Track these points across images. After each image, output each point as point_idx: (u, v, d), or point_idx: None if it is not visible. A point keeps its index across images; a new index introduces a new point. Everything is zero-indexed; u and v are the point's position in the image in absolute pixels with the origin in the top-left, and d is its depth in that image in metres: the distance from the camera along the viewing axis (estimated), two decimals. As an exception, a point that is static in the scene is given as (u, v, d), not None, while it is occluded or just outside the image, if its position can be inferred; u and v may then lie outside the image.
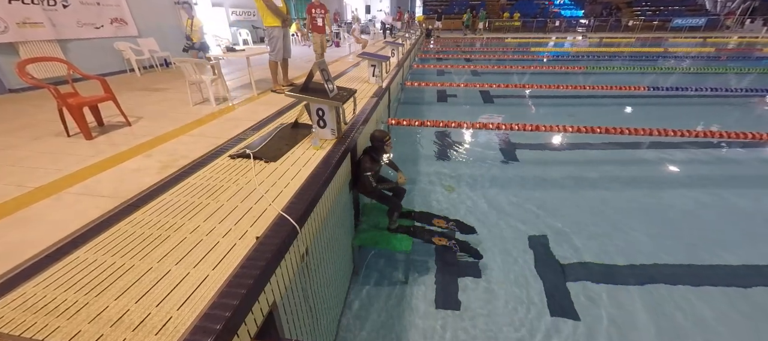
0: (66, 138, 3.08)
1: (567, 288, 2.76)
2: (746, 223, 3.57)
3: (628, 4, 26.64)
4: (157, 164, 2.46)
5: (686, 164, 4.93)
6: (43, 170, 2.43)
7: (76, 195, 2.05)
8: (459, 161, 5.18)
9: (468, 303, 2.66)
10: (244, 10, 14.24)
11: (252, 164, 2.25)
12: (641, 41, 18.90)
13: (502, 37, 22.80)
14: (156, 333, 1.05)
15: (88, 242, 1.49)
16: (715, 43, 17.58)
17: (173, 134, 3.12)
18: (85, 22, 6.10)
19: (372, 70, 5.08)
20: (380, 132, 2.74)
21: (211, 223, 1.61)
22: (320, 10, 6.08)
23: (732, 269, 2.95)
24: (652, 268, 2.95)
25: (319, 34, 6.24)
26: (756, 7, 23.77)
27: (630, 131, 4.20)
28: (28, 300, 1.19)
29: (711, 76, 10.04)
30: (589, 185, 4.36)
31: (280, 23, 4.67)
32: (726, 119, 6.77)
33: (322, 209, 2.01)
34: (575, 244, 3.25)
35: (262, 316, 1.32)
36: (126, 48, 6.53)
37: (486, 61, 12.23)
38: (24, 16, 5.16)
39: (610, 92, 7.85)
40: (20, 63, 2.94)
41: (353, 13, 15.94)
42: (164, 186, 1.99)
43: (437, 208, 3.86)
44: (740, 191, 4.16)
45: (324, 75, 2.40)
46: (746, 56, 13.37)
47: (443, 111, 7.72)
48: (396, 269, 3.05)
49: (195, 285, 1.23)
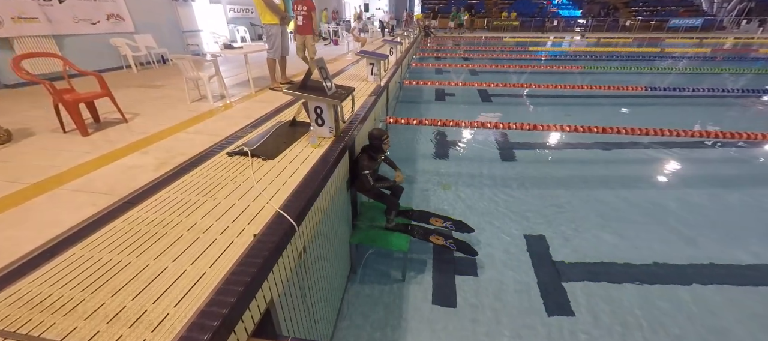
0: (62, 134, 3.06)
1: (563, 286, 2.78)
2: (746, 222, 3.60)
3: (625, 5, 26.73)
4: (154, 161, 2.45)
5: (683, 163, 4.97)
6: (39, 166, 2.42)
7: (72, 192, 2.04)
8: (457, 159, 5.19)
9: (465, 301, 2.67)
10: (242, 7, 14.16)
11: (250, 161, 2.24)
12: (638, 41, 18.98)
13: (501, 36, 22.84)
14: (153, 329, 1.05)
15: (85, 239, 1.49)
16: (712, 44, 17.69)
17: (170, 131, 3.11)
18: (81, 18, 6.05)
19: (370, 69, 5.07)
20: (378, 131, 2.74)
21: (208, 220, 1.61)
22: (301, 7, 5.16)
23: (731, 268, 2.97)
24: (649, 267, 2.98)
25: (301, 35, 5.37)
26: (752, 7, 23.93)
27: (627, 131, 4.23)
28: (23, 297, 1.18)
29: (707, 77, 10.11)
30: (586, 185, 4.38)
31: (278, 21, 4.65)
32: (722, 119, 6.83)
33: (319, 207, 2.01)
34: (572, 243, 3.27)
35: (259, 313, 1.32)
36: (122, 44, 6.47)
37: (484, 61, 12.24)
38: (19, 11, 5.11)
39: (607, 92, 7.89)
40: (15, 58, 2.92)
41: (356, 10, 15.89)
42: (161, 183, 1.98)
43: (435, 207, 3.87)
44: (737, 190, 4.19)
45: (322, 73, 2.39)
46: (742, 57, 13.45)
47: (441, 110, 7.73)
48: (393, 267, 3.06)
49: (192, 282, 1.23)
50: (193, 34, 9.19)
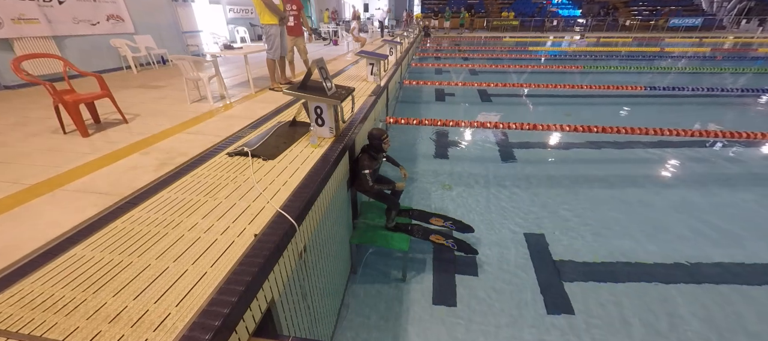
0: (62, 135, 3.06)
1: (563, 285, 2.79)
2: (744, 222, 3.60)
3: (625, 4, 26.72)
4: (154, 161, 2.45)
5: (682, 162, 4.97)
6: (39, 167, 2.42)
7: (72, 192, 2.04)
8: (457, 159, 5.19)
9: (465, 301, 2.68)
10: (241, 7, 14.19)
11: (250, 161, 2.25)
12: (638, 41, 18.98)
13: (500, 36, 22.85)
14: (154, 329, 1.05)
15: (86, 239, 1.49)
16: (711, 43, 17.70)
17: (171, 132, 3.11)
18: (80, 19, 6.05)
19: (370, 69, 5.08)
20: (378, 130, 2.74)
21: (209, 220, 1.61)
22: (291, 7, 4.94)
23: (731, 268, 2.97)
24: (648, 266, 2.98)
25: (292, 36, 5.11)
26: (751, 7, 23.93)
27: (626, 131, 4.23)
28: (25, 297, 1.18)
29: (707, 76, 10.11)
30: (586, 184, 4.39)
31: (278, 21, 4.66)
32: (722, 119, 6.83)
33: (320, 206, 2.01)
34: (572, 242, 3.28)
35: (260, 313, 1.32)
36: (122, 45, 6.48)
37: (484, 60, 12.25)
38: (19, 12, 5.11)
39: (607, 92, 7.90)
40: (16, 59, 2.92)
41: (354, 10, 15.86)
42: (162, 184, 1.99)
43: (435, 206, 3.88)
44: (739, 190, 4.20)
45: (322, 73, 2.40)
46: (742, 56, 13.46)
47: (441, 110, 7.74)
48: (393, 267, 3.06)
49: (193, 282, 1.24)
50: (192, 35, 9.20)
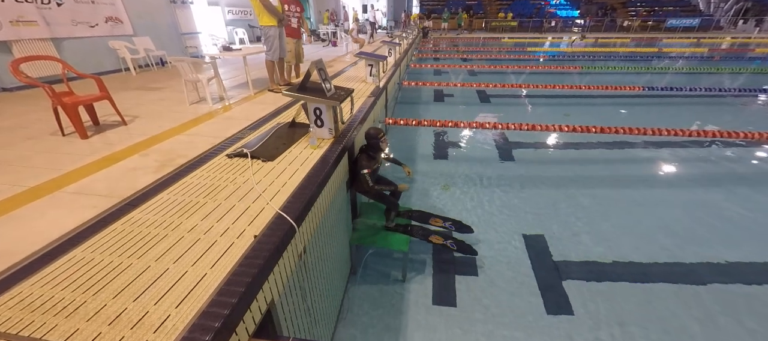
0: (61, 137, 3.06)
1: (563, 285, 2.79)
2: (743, 221, 3.61)
3: (623, 5, 26.82)
4: (153, 163, 2.45)
5: (681, 162, 4.99)
6: (39, 169, 2.42)
7: (72, 194, 2.04)
8: (456, 160, 5.20)
9: (465, 301, 2.68)
10: (240, 9, 14.19)
11: (249, 163, 2.25)
12: (636, 41, 19.05)
13: (499, 36, 22.90)
14: (154, 331, 1.05)
15: (85, 241, 1.49)
16: (709, 44, 17.77)
17: (170, 134, 3.11)
18: (79, 21, 6.05)
19: (369, 70, 5.09)
20: (374, 129, 2.73)
21: (208, 222, 1.61)
22: (294, 8, 5.02)
23: (732, 267, 2.98)
24: (648, 266, 2.99)
25: (293, 39, 5.18)
26: (749, 7, 24.05)
27: (625, 131, 4.25)
28: (25, 299, 1.18)
29: (704, 76, 10.15)
30: (585, 184, 4.39)
31: (276, 23, 4.66)
32: (719, 119, 6.85)
33: (319, 208, 2.02)
34: (572, 242, 3.28)
35: (260, 314, 1.32)
36: (121, 47, 6.47)
37: (483, 61, 12.28)
38: (17, 14, 5.11)
39: (605, 92, 7.92)
40: (14, 62, 2.92)
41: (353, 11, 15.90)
42: (161, 185, 1.99)
43: (434, 207, 3.88)
44: (734, 190, 4.21)
45: (321, 74, 2.40)
46: (739, 57, 13.52)
47: (440, 111, 7.75)
48: (393, 267, 3.06)
49: (193, 284, 1.24)
50: (191, 37, 9.19)
